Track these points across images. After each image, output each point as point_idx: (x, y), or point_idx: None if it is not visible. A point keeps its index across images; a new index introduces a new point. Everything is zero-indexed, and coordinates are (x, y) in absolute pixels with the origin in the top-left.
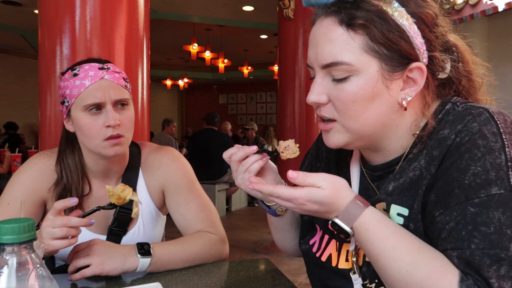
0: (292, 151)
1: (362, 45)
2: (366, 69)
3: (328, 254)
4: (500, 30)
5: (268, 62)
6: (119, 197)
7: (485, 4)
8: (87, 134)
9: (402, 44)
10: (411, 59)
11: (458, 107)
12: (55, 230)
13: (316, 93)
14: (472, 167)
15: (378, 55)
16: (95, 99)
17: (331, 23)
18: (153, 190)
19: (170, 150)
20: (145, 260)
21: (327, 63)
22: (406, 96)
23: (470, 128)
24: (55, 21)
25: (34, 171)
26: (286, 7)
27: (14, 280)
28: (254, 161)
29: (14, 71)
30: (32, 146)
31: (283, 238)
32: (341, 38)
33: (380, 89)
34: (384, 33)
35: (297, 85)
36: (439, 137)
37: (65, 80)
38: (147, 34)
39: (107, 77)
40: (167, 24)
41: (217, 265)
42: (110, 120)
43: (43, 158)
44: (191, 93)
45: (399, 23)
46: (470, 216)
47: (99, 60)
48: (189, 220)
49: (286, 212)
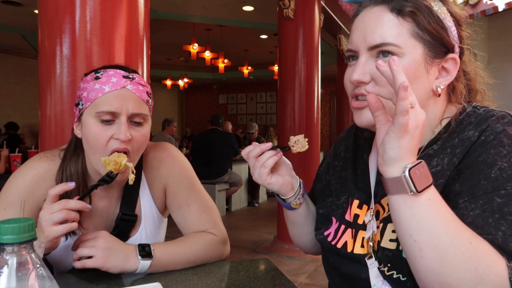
0: (301, 145)
1: (410, 30)
2: (411, 52)
3: (344, 242)
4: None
5: (268, 62)
6: (115, 163)
7: (485, 4)
8: (92, 144)
9: (444, 34)
10: (449, 49)
11: (479, 110)
12: (54, 214)
13: (360, 72)
14: (499, 162)
15: (423, 41)
16: (110, 107)
17: (382, 10)
18: (156, 191)
19: (167, 147)
20: (146, 263)
21: (376, 43)
22: (440, 84)
23: (494, 128)
24: (55, 21)
25: (33, 176)
26: (286, 7)
27: (14, 280)
28: (269, 157)
29: (14, 71)
30: (32, 146)
31: (297, 233)
32: (391, 22)
33: (421, 72)
34: (430, 22)
35: (297, 85)
36: (463, 138)
37: (85, 82)
38: (147, 34)
39: (130, 87)
40: (167, 24)
41: (217, 265)
42: (120, 134)
43: (44, 162)
44: (191, 93)
45: (441, 17)
46: (497, 206)
47: (126, 68)
48: (190, 222)
49: (300, 206)
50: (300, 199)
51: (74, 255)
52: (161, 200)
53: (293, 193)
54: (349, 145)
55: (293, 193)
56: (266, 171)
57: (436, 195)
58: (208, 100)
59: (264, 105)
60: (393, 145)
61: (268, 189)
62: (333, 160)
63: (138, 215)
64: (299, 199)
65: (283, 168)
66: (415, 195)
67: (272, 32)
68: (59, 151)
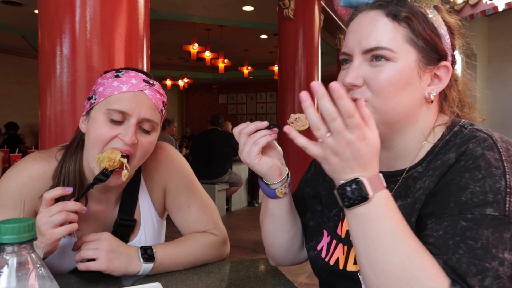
0: (302, 123)
1: (405, 36)
2: (405, 57)
3: (336, 258)
4: (500, 30)
5: (268, 62)
6: (109, 159)
7: (485, 4)
8: (92, 141)
9: (438, 42)
10: (442, 57)
11: (465, 130)
12: (54, 217)
13: (354, 75)
14: (471, 186)
15: (417, 47)
16: (123, 107)
17: (378, 14)
18: (155, 195)
19: (165, 147)
20: (148, 266)
21: (371, 47)
22: (432, 91)
23: (474, 151)
24: (55, 21)
25: (27, 178)
26: (286, 7)
27: (14, 280)
28: (263, 135)
29: (14, 71)
30: (32, 146)
31: (274, 231)
32: (386, 27)
33: (414, 78)
34: (425, 28)
35: (297, 85)
36: (444, 160)
37: (104, 78)
38: (147, 34)
39: (147, 92)
40: (167, 24)
41: (217, 265)
42: (127, 135)
43: (38, 163)
44: (191, 93)
45: (436, 25)
46: (460, 229)
47: (148, 74)
48: (191, 223)
49: (285, 196)
50: (286, 188)
51: (76, 256)
52: (160, 203)
53: (280, 179)
54: None
55: (281, 179)
56: (257, 149)
57: (376, 208)
58: (208, 100)
59: (264, 105)
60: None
61: (255, 170)
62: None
63: (137, 220)
64: (285, 187)
65: (274, 152)
66: (349, 209)
67: (272, 32)
68: (57, 150)
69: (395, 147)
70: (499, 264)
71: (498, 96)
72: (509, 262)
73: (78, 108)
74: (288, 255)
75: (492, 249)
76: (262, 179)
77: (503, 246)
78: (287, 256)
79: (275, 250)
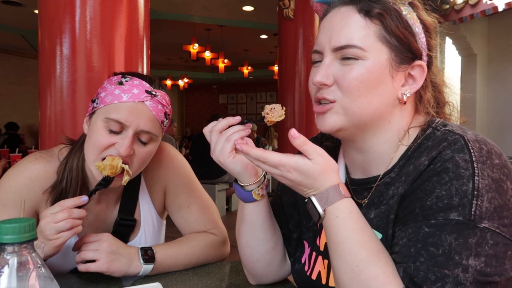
0: (278, 114)
1: (377, 33)
2: (376, 55)
3: (318, 272)
4: (500, 30)
5: (268, 62)
6: (111, 167)
7: (485, 4)
8: (91, 145)
9: (412, 40)
10: (416, 56)
11: (438, 132)
12: (60, 224)
13: (323, 73)
14: (437, 189)
15: (390, 45)
16: (121, 117)
17: (350, 10)
18: (155, 195)
19: (165, 147)
20: (148, 267)
21: (341, 45)
22: (406, 92)
23: (444, 155)
24: (55, 21)
25: (27, 178)
26: (286, 7)
27: (15, 280)
28: (235, 131)
29: (14, 72)
30: (32, 146)
31: (253, 240)
32: (358, 24)
33: (385, 77)
34: (398, 26)
35: (297, 85)
36: (416, 164)
37: (110, 82)
38: (147, 34)
39: (148, 104)
40: (167, 24)
41: (217, 265)
42: (122, 147)
43: (39, 163)
44: (191, 93)
45: (410, 22)
46: (422, 235)
47: (154, 81)
48: (191, 223)
49: (262, 199)
50: (263, 189)
51: (76, 257)
52: (160, 202)
53: (256, 180)
54: None
55: (256, 180)
56: (230, 145)
57: (330, 219)
58: (208, 100)
59: (264, 105)
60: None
61: (229, 170)
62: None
63: (137, 220)
64: (262, 188)
65: None
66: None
67: (272, 32)
68: (58, 150)
69: (368, 150)
70: (462, 271)
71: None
72: (473, 269)
73: (78, 108)
74: (269, 269)
75: (455, 256)
76: (237, 182)
77: (468, 252)
78: (268, 270)
79: (255, 266)
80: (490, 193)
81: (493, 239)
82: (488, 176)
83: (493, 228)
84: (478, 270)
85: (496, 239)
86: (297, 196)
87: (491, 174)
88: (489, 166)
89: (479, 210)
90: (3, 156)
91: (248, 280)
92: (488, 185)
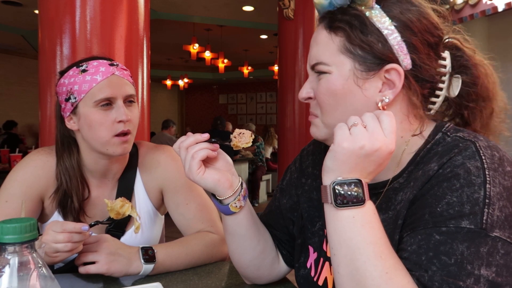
0: (245, 140)
1: (339, 46)
2: (339, 68)
3: (324, 278)
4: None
5: (268, 62)
6: (117, 213)
7: (485, 4)
8: (97, 130)
9: (378, 46)
10: (386, 60)
11: (448, 137)
12: (59, 246)
13: (305, 89)
14: (448, 196)
15: (353, 55)
16: (107, 94)
17: (321, 28)
18: (151, 190)
19: (168, 149)
20: (149, 266)
21: (313, 63)
22: (384, 98)
23: (454, 161)
24: (55, 21)
25: (33, 168)
26: (286, 7)
27: (16, 280)
28: (200, 148)
29: (14, 71)
30: (32, 146)
31: (238, 250)
32: (324, 40)
33: (352, 87)
34: (359, 35)
35: (297, 85)
36: (425, 170)
37: (70, 77)
38: (147, 34)
39: (118, 73)
40: (167, 24)
41: (218, 265)
42: (122, 115)
43: (42, 154)
44: (191, 93)
45: (377, 26)
46: (433, 243)
47: (105, 57)
48: (189, 220)
49: (241, 211)
50: (241, 201)
51: (77, 260)
52: (157, 198)
53: (232, 192)
54: (318, 160)
55: (232, 192)
56: (195, 162)
57: (366, 215)
58: (208, 100)
59: (264, 105)
60: (330, 155)
61: (201, 186)
62: (299, 176)
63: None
64: (239, 200)
65: (221, 163)
66: (337, 209)
67: (272, 32)
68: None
69: None
70: (474, 281)
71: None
72: (485, 279)
73: None
74: (260, 272)
75: (467, 265)
76: (214, 196)
77: (480, 261)
78: (260, 273)
79: (245, 270)
80: (501, 201)
81: (504, 249)
82: (499, 184)
83: (504, 237)
84: (489, 280)
85: (507, 248)
86: (299, 199)
87: (502, 182)
88: (500, 174)
89: (491, 218)
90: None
91: (244, 281)
92: (499, 193)
